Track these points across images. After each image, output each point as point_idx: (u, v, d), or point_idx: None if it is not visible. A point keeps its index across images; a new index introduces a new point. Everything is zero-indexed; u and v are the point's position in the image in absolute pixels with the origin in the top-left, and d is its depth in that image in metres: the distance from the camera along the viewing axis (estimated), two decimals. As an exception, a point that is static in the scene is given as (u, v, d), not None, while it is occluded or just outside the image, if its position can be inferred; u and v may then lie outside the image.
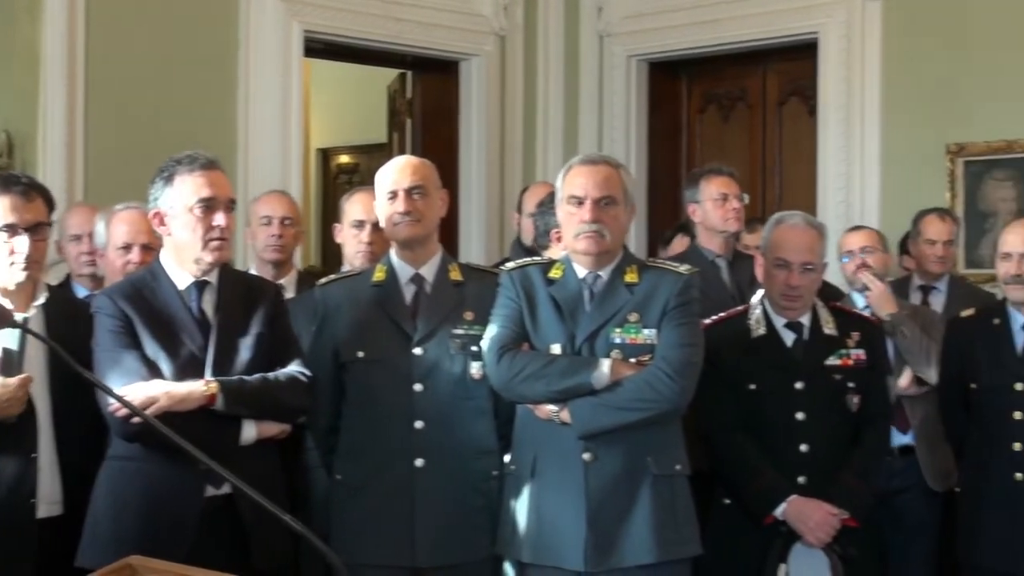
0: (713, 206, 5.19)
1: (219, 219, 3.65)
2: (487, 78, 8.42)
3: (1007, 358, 4.46)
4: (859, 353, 4.28)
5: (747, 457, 4.19)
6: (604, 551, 3.73)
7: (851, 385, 4.25)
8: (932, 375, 4.94)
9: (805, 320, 4.29)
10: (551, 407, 3.76)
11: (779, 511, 4.13)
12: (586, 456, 3.75)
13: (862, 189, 7.59)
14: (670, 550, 3.78)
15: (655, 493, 3.77)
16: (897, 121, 7.54)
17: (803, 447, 4.18)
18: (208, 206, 3.64)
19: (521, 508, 3.85)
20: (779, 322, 4.30)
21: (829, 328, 4.30)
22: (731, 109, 8.64)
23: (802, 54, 7.97)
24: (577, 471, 3.76)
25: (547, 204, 4.48)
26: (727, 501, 4.29)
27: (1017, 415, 4.38)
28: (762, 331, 4.29)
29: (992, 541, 4.40)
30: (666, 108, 8.77)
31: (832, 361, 4.26)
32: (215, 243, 3.66)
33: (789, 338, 4.28)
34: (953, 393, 4.63)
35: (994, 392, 4.45)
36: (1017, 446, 4.37)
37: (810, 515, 4.10)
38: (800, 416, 4.19)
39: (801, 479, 4.16)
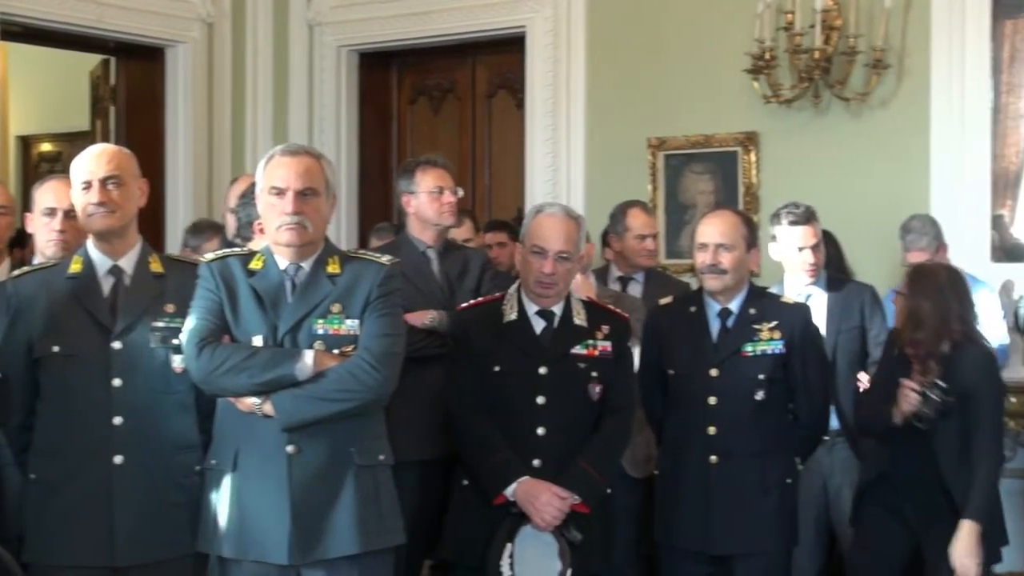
0: (429, 198, 5.17)
1: None
2: (194, 66, 8.27)
3: (703, 345, 4.59)
4: (606, 345, 4.37)
5: (485, 437, 4.24)
6: (308, 543, 3.69)
7: (594, 375, 4.32)
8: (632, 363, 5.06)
9: (557, 309, 4.36)
10: (253, 400, 3.70)
11: (510, 491, 4.18)
12: (289, 448, 3.70)
13: (568, 181, 7.75)
14: (374, 540, 3.77)
15: (359, 484, 3.75)
16: (601, 115, 7.73)
17: (540, 431, 4.24)
18: None
19: (223, 503, 3.77)
20: (531, 309, 4.35)
21: (579, 319, 4.38)
22: (441, 101, 8.69)
23: (510, 47, 8.09)
24: (280, 464, 3.71)
25: (248, 196, 4.41)
26: (465, 482, 4.31)
27: (712, 400, 4.51)
28: (513, 316, 4.34)
29: (688, 522, 4.54)
30: (377, 99, 8.76)
31: (578, 350, 4.33)
32: None
33: (539, 325, 4.34)
34: (652, 379, 4.74)
35: (691, 378, 4.58)
36: (712, 430, 4.50)
37: (538, 496, 4.15)
38: (541, 400, 4.25)
39: (536, 462, 4.22)
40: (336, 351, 3.73)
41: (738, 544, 4.51)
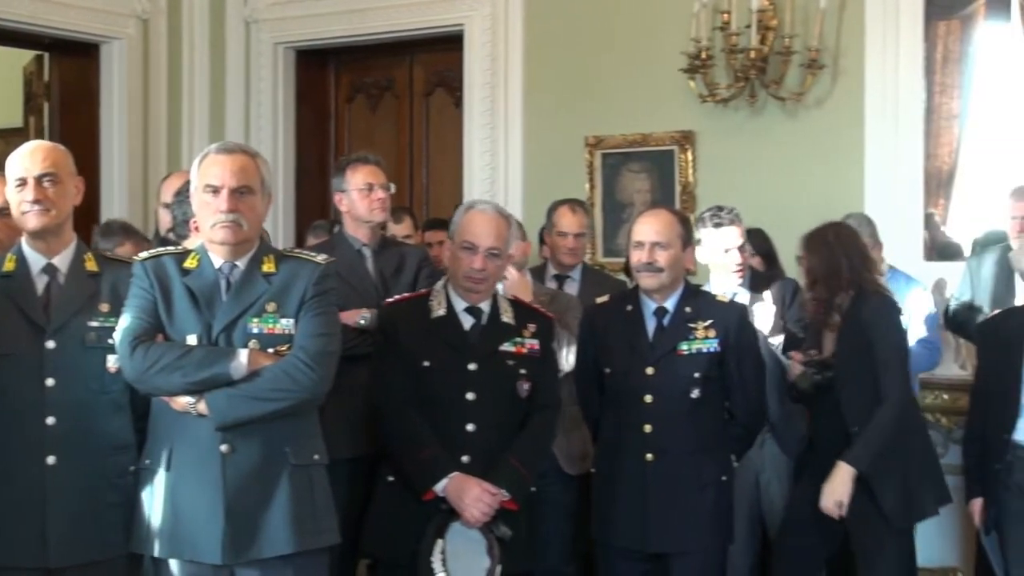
0: (359, 196, 5.16)
1: None
2: (129, 62, 8.22)
3: (639, 344, 4.61)
4: (533, 343, 4.38)
5: (414, 433, 4.22)
6: (242, 543, 3.67)
7: (523, 372, 4.33)
8: (569, 361, 5.08)
9: (485, 307, 4.36)
10: (187, 399, 3.67)
11: (439, 487, 4.17)
12: (223, 448, 3.68)
13: (506, 179, 7.78)
14: (308, 540, 3.76)
15: (293, 483, 3.73)
16: (539, 113, 7.76)
17: (470, 427, 4.24)
18: None
19: (157, 503, 3.74)
20: (460, 305, 4.35)
21: (507, 317, 4.38)
22: (379, 99, 8.70)
23: (448, 46, 8.11)
24: (214, 463, 3.68)
25: (184, 193, 4.38)
26: (391, 479, 4.30)
27: (648, 398, 4.52)
28: (442, 312, 4.33)
29: (624, 520, 4.55)
30: (314, 97, 8.75)
31: (506, 347, 4.34)
32: None
33: (467, 322, 4.34)
34: (588, 377, 4.76)
35: (627, 376, 4.59)
36: (648, 428, 4.51)
37: (469, 493, 4.15)
38: (470, 396, 4.25)
39: (465, 458, 4.22)
40: (271, 350, 3.72)
41: (674, 542, 4.53)
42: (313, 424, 3.87)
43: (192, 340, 3.72)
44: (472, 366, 4.28)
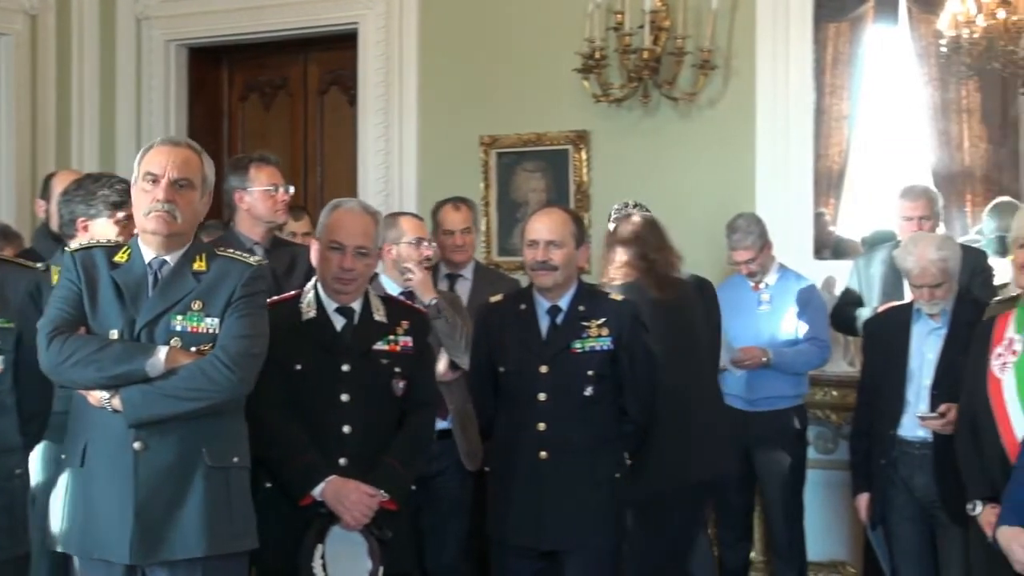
0: (263, 196, 5.12)
1: None
2: (16, 58, 8.06)
3: (533, 342, 4.62)
4: (407, 340, 4.33)
5: (288, 437, 4.15)
6: (152, 544, 3.61)
7: (397, 370, 4.28)
8: (466, 360, 5.08)
9: (356, 306, 4.31)
10: (102, 394, 3.62)
11: (317, 491, 4.11)
12: (136, 445, 3.62)
13: (401, 178, 7.76)
14: (222, 544, 3.70)
15: (208, 485, 3.67)
16: (434, 112, 7.75)
17: (346, 428, 4.18)
18: None
19: (70, 499, 3.69)
20: (330, 306, 4.29)
21: (379, 315, 4.33)
22: (273, 97, 8.64)
23: (343, 44, 8.06)
24: (126, 460, 3.62)
25: (72, 192, 4.31)
26: (268, 484, 4.24)
27: (542, 397, 4.54)
28: (312, 314, 4.27)
29: (518, 517, 4.55)
30: (207, 95, 8.66)
31: (380, 346, 4.28)
32: None
33: (339, 322, 4.28)
34: (483, 376, 4.76)
35: (521, 375, 4.60)
36: (542, 426, 4.52)
37: (347, 495, 4.10)
38: (345, 398, 4.19)
39: (342, 460, 4.16)
40: (193, 349, 3.66)
41: (568, 539, 4.55)
42: (235, 426, 3.80)
43: (114, 335, 3.65)
44: (346, 367, 4.22)
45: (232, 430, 3.79)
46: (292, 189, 5.28)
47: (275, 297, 4.31)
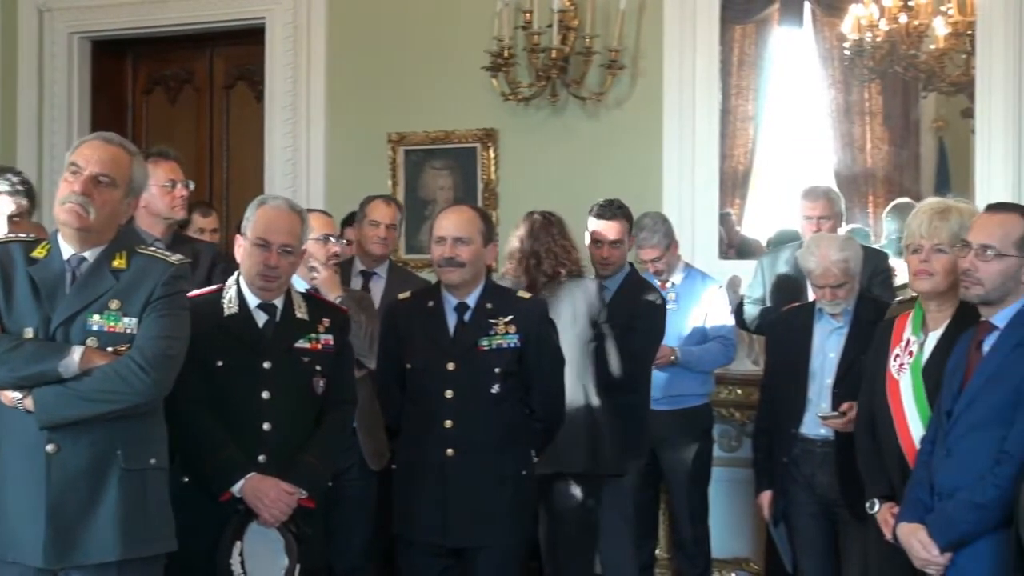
0: (160, 192, 5.06)
1: None
2: (-87, 50, 7.90)
3: (441, 339, 4.62)
4: (328, 338, 4.32)
5: (209, 433, 4.12)
6: (64, 546, 3.55)
7: (318, 368, 4.27)
8: (371, 359, 5.07)
9: (279, 303, 4.28)
10: (15, 394, 3.55)
11: (236, 488, 4.09)
12: (49, 447, 3.55)
13: (308, 175, 7.73)
14: (137, 547, 3.64)
15: (123, 488, 3.61)
16: (342, 109, 7.72)
17: (266, 426, 4.16)
18: None
19: None
20: (253, 302, 4.26)
21: (301, 312, 4.31)
22: (178, 92, 8.55)
23: (250, 39, 8.01)
24: (39, 462, 3.55)
25: None
26: (186, 479, 4.20)
27: (449, 394, 4.54)
28: (234, 310, 4.24)
29: (425, 515, 4.55)
30: (111, 89, 8.56)
31: (301, 344, 4.27)
32: None
33: (261, 319, 4.26)
34: (390, 373, 4.75)
35: (428, 372, 4.60)
36: (448, 423, 4.52)
37: (266, 493, 4.08)
38: (265, 395, 4.16)
39: (262, 457, 4.14)
40: (110, 349, 3.60)
41: (474, 536, 4.55)
42: (153, 428, 3.74)
43: (29, 333, 3.58)
44: (267, 364, 4.20)
45: (149, 432, 3.73)
46: (192, 185, 5.22)
47: (196, 291, 4.28)
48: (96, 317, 3.61)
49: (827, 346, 4.96)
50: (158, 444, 3.75)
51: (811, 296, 5.21)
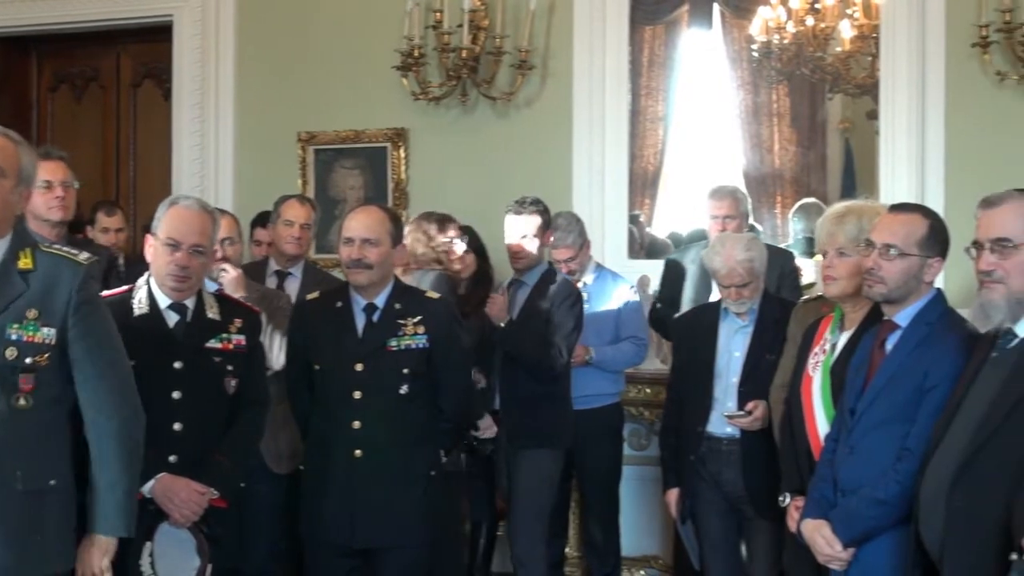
0: (36, 193, 4.95)
1: None
2: None
3: (349, 340, 4.61)
4: (240, 339, 4.30)
5: None
6: None
7: (230, 368, 4.26)
8: (279, 360, 5.04)
9: (190, 303, 4.25)
10: None
11: (147, 488, 4.04)
12: None
13: (217, 174, 7.67)
14: (30, 567, 3.51)
15: (22, 509, 3.48)
16: (251, 108, 7.67)
17: (177, 426, 4.13)
18: None
19: None
20: (163, 302, 4.22)
21: (213, 312, 4.29)
22: (84, 89, 8.47)
23: (157, 36, 7.93)
24: None
25: None
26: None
27: (357, 394, 4.53)
28: (145, 310, 4.20)
29: (332, 516, 4.55)
30: (15, 86, 8.45)
31: (213, 344, 4.25)
32: None
33: (172, 319, 4.23)
34: (299, 373, 4.74)
35: (336, 372, 4.59)
36: (356, 424, 4.52)
37: (177, 493, 4.06)
38: (176, 395, 4.14)
39: (173, 458, 4.11)
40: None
41: (382, 537, 4.55)
42: (55, 446, 3.59)
43: None
44: (178, 364, 4.18)
45: (53, 450, 3.59)
46: (77, 184, 5.12)
47: (106, 292, 4.20)
48: (15, 326, 3.47)
49: (732, 345, 5.00)
50: (62, 463, 3.60)
51: (716, 295, 5.25)
